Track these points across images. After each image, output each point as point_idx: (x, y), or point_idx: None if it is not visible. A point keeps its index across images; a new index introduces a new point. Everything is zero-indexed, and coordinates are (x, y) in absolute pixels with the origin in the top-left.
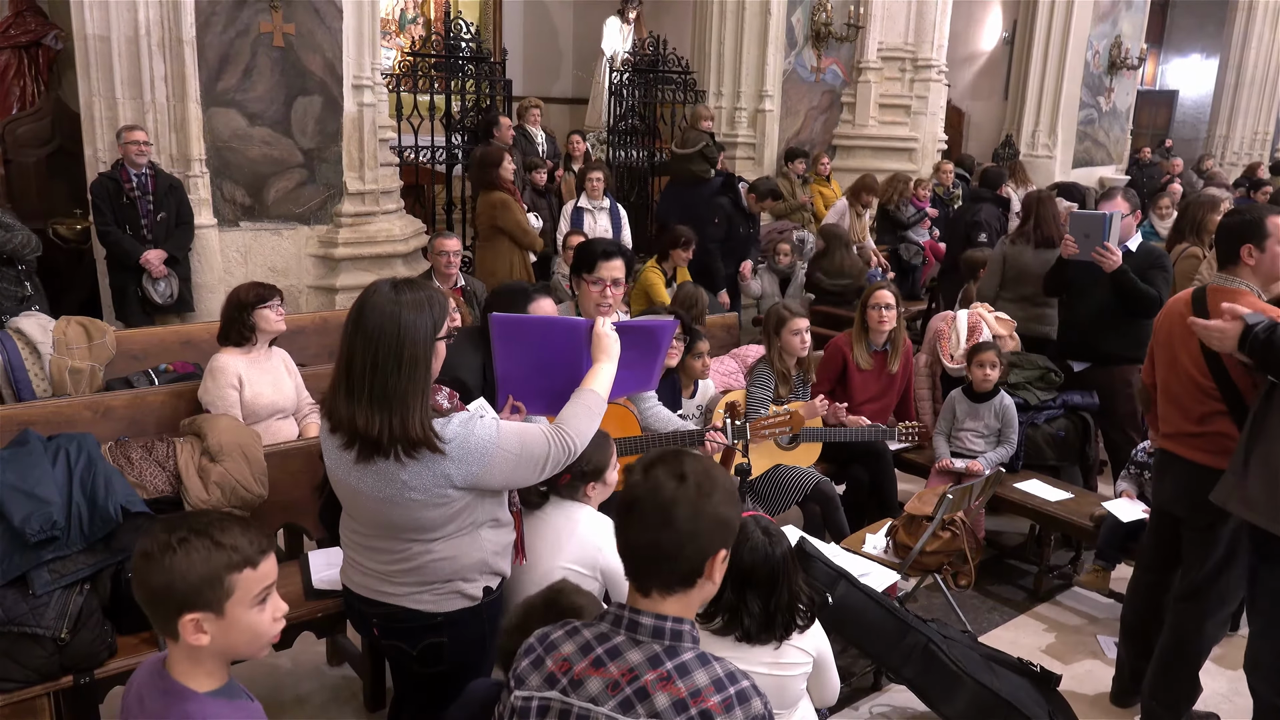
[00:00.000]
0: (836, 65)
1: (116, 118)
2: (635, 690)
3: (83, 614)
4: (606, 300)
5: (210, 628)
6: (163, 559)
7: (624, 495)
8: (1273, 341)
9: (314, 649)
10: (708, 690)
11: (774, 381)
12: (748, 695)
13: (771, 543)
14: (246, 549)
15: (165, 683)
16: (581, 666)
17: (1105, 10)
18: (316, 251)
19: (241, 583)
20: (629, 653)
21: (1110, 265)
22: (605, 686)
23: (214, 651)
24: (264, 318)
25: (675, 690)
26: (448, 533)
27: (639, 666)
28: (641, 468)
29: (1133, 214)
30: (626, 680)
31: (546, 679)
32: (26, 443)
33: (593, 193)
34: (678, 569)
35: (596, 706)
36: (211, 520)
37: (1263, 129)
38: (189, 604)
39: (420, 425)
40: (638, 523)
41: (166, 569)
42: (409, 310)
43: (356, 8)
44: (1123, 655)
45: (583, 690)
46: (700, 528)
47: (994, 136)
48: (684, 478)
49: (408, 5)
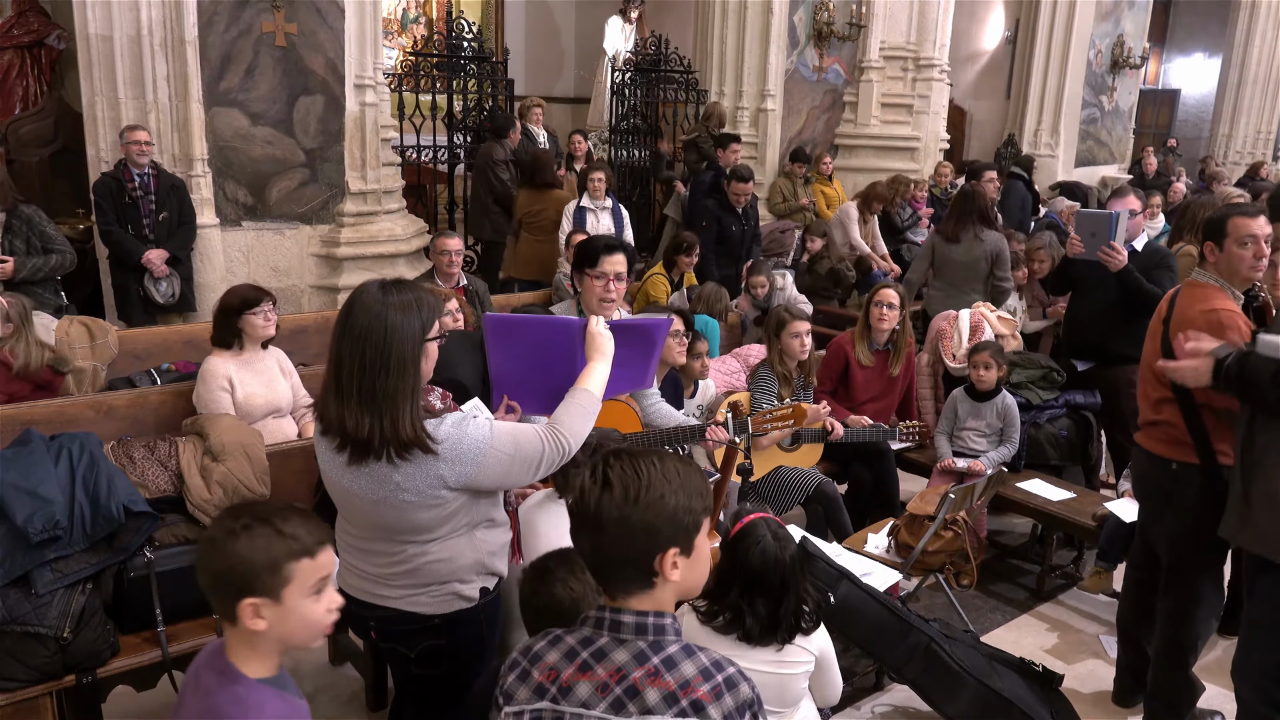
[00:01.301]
0: (839, 64)
1: (119, 117)
2: (625, 689)
3: (85, 613)
4: (610, 295)
5: (268, 614)
6: (227, 544)
7: (571, 499)
8: (1245, 373)
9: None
10: (696, 680)
11: (776, 384)
12: (735, 681)
13: (781, 547)
14: (306, 539)
15: (220, 664)
16: (569, 673)
17: (1108, 9)
18: (319, 251)
19: (300, 571)
20: (614, 653)
21: (1116, 265)
22: (595, 689)
23: (270, 638)
24: (250, 324)
25: (664, 684)
26: (443, 534)
27: (626, 665)
28: (589, 471)
29: (1144, 213)
30: (615, 680)
31: (535, 690)
32: (29, 442)
33: (595, 193)
34: (625, 573)
35: (588, 710)
36: (275, 509)
37: (1265, 128)
38: (249, 589)
39: (410, 426)
40: (578, 530)
41: (230, 554)
42: (396, 311)
43: (358, 7)
44: (1121, 655)
45: (573, 696)
46: (633, 531)
47: (996, 136)
48: (608, 483)
49: (410, 5)
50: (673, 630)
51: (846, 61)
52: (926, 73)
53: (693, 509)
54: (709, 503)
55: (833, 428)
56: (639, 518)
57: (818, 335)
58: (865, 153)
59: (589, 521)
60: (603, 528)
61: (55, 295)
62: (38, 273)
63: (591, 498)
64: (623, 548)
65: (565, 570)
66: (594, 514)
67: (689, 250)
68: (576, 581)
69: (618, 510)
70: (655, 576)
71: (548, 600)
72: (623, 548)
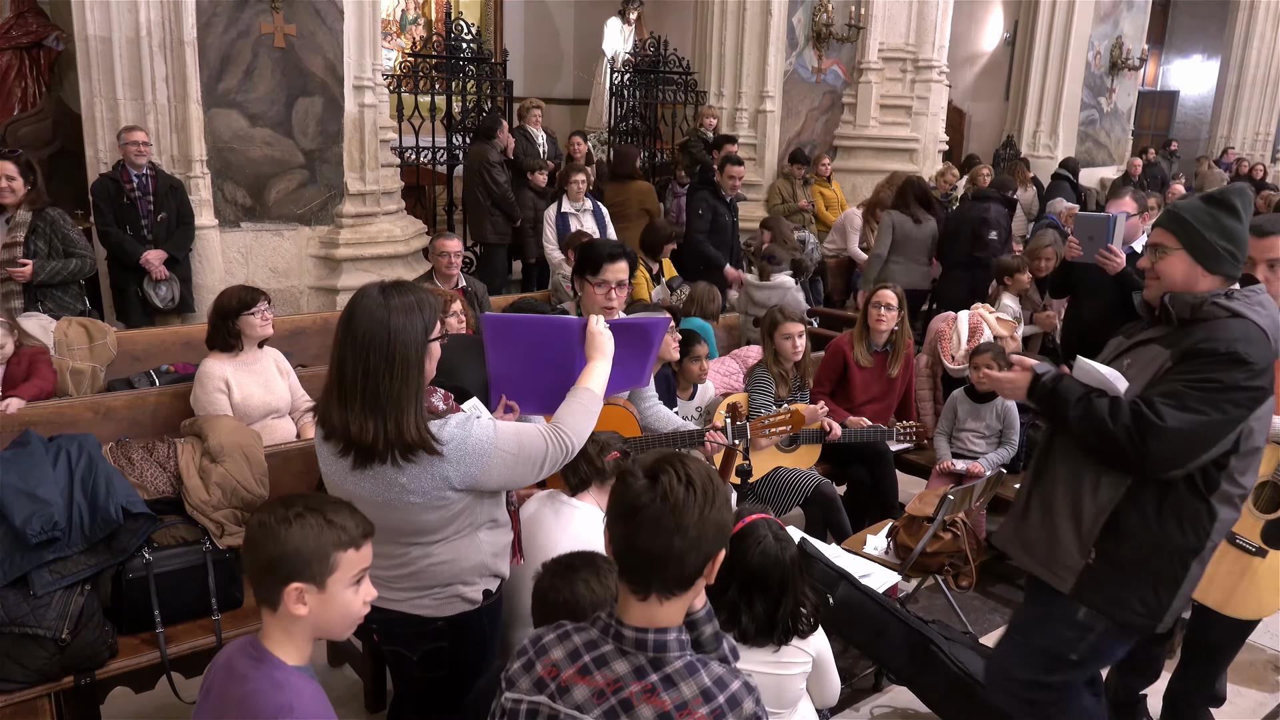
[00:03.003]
0: (837, 66)
1: (118, 119)
2: (620, 701)
3: (84, 614)
4: (612, 302)
5: (310, 600)
6: (278, 530)
7: (627, 500)
8: (1057, 391)
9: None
10: (695, 702)
11: (774, 384)
12: (739, 699)
13: (782, 548)
14: (353, 530)
15: (257, 651)
16: (569, 673)
17: (1106, 11)
18: (318, 252)
19: (345, 561)
20: (615, 663)
21: (1114, 268)
22: (591, 695)
23: (307, 625)
24: (248, 324)
25: (660, 703)
26: (446, 535)
27: (624, 677)
28: (645, 472)
29: (1140, 215)
30: (612, 690)
31: (536, 683)
32: (28, 443)
33: (575, 195)
34: (680, 573)
35: (582, 714)
36: (325, 501)
37: (1264, 130)
38: (296, 574)
39: (415, 428)
40: (646, 528)
41: (281, 540)
42: (398, 314)
43: (357, 8)
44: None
45: (569, 697)
46: (706, 533)
47: (995, 137)
48: (691, 483)
49: (409, 6)
50: (677, 645)
51: (845, 63)
52: (925, 74)
53: (733, 518)
54: None
55: (830, 428)
56: (715, 518)
57: (816, 336)
58: (864, 154)
59: (670, 520)
60: (682, 528)
61: (78, 300)
62: (55, 276)
63: (676, 497)
64: (690, 549)
65: (590, 571)
66: (677, 513)
67: (675, 240)
68: (599, 584)
69: (700, 512)
70: (699, 579)
71: (567, 597)
72: (690, 549)
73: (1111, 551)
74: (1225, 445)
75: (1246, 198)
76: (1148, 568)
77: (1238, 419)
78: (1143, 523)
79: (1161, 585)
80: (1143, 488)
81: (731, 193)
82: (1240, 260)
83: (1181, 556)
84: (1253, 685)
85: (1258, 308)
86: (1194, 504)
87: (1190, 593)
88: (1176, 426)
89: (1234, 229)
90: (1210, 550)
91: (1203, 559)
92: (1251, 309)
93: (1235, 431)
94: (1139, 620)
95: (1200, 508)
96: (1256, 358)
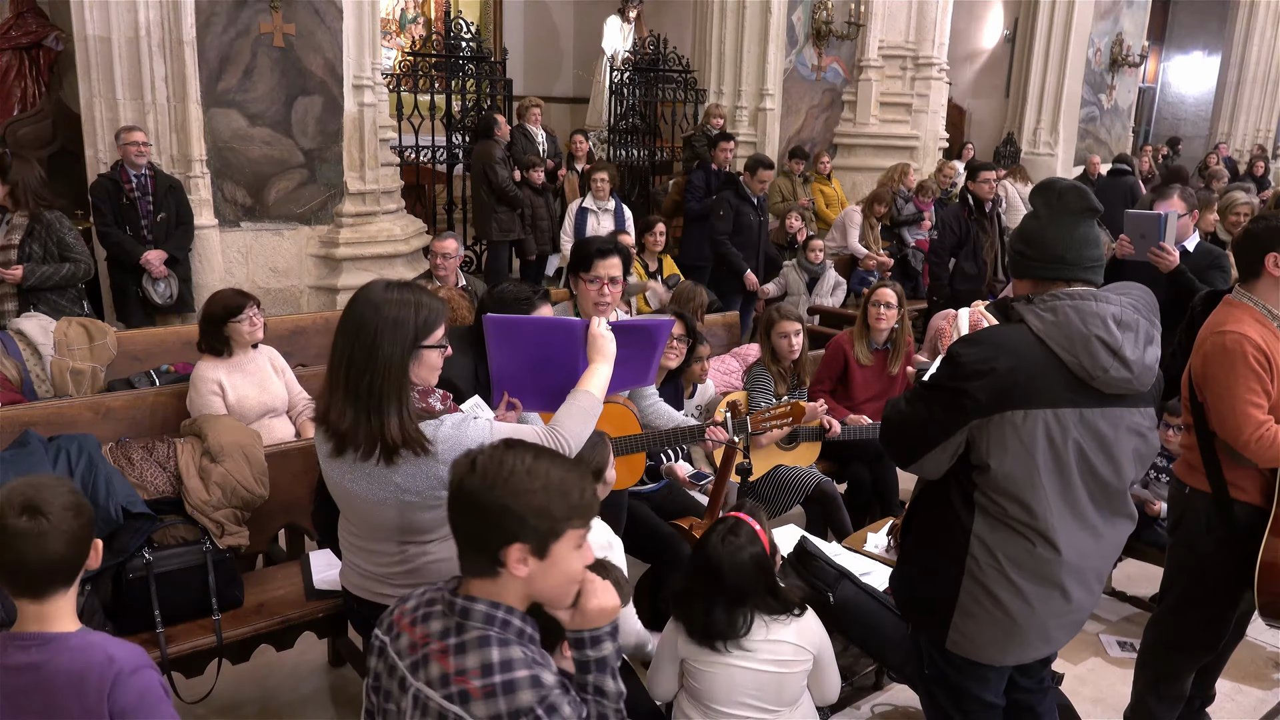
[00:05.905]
0: (837, 63)
1: (117, 119)
2: (422, 655)
3: (83, 614)
4: (605, 299)
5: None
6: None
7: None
8: (895, 409)
9: (315, 649)
10: (473, 673)
11: (773, 382)
12: (515, 687)
13: (738, 548)
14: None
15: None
16: (406, 622)
17: (1106, 8)
18: (317, 252)
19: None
20: (434, 621)
21: (1167, 265)
22: (408, 645)
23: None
24: (237, 331)
25: (446, 664)
26: (443, 534)
27: (434, 635)
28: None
29: (1189, 213)
30: (422, 644)
31: (389, 625)
32: (27, 444)
33: (599, 193)
34: (472, 555)
35: (400, 661)
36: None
37: (1265, 127)
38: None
39: (399, 430)
40: (448, 506)
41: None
42: (389, 309)
43: (357, 8)
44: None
45: (398, 642)
46: (483, 515)
47: (995, 134)
48: (472, 466)
49: (408, 5)
50: (483, 619)
51: (845, 60)
52: (925, 71)
53: (552, 515)
54: (586, 519)
55: (830, 425)
56: (494, 503)
57: (816, 334)
58: (864, 152)
59: (451, 500)
60: (459, 507)
61: (75, 303)
62: (47, 280)
63: (457, 477)
64: (472, 528)
65: None
66: (456, 494)
67: (653, 229)
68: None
69: (475, 495)
70: (501, 567)
71: None
72: (472, 528)
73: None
74: (948, 449)
75: (1052, 193)
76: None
77: (942, 420)
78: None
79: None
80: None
81: (758, 194)
82: (1041, 259)
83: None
84: (1252, 683)
85: (1046, 314)
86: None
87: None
88: (892, 418)
89: (1027, 228)
90: (998, 578)
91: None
92: (1039, 316)
93: (955, 436)
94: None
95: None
96: (969, 359)
